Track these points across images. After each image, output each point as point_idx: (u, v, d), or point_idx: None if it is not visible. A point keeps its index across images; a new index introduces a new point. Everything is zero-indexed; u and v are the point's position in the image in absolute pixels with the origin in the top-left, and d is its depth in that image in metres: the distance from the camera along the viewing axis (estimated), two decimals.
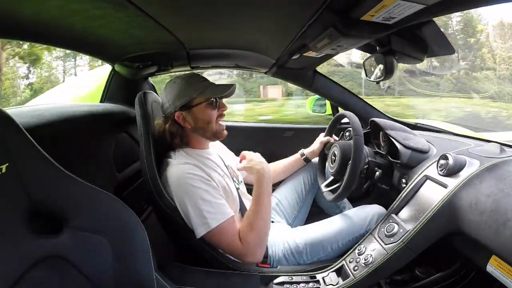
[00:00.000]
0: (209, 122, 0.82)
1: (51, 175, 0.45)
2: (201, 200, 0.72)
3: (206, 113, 0.82)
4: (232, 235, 0.74)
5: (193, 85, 0.81)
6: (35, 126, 0.62)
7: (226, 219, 0.73)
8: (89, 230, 0.47)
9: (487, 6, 0.48)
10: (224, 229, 0.73)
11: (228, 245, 0.74)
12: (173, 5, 0.56)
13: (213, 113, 0.82)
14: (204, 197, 0.72)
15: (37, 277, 0.41)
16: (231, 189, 0.83)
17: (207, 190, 0.74)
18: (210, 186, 0.75)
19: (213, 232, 0.72)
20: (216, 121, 0.83)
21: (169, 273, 0.66)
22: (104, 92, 1.13)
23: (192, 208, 0.72)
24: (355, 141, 0.85)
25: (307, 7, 0.54)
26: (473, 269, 0.72)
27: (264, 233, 0.78)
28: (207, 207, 0.72)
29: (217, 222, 0.71)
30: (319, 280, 0.74)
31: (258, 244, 0.76)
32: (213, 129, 0.83)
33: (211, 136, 0.85)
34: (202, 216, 0.71)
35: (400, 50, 0.70)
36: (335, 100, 1.30)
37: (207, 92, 0.80)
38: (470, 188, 0.63)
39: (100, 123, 0.91)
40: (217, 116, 0.83)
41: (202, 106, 0.81)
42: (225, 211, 0.74)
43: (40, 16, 0.57)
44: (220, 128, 0.84)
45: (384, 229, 0.74)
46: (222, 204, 0.74)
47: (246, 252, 0.74)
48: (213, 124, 0.83)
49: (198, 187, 0.73)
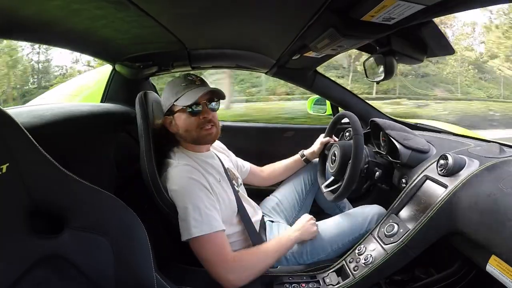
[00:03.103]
0: (186, 130, 0.78)
1: (51, 175, 0.45)
2: (192, 206, 0.71)
3: (183, 121, 0.78)
4: (217, 248, 0.71)
5: (174, 89, 0.78)
6: (35, 126, 0.62)
7: (211, 232, 0.70)
8: (89, 230, 0.47)
9: (487, 6, 0.48)
10: (207, 241, 0.70)
11: (209, 258, 0.71)
12: (174, 5, 0.56)
13: (190, 120, 0.77)
14: (195, 203, 0.71)
15: (37, 277, 0.41)
16: (228, 195, 0.82)
17: (200, 196, 0.72)
18: (204, 193, 0.74)
19: (195, 241, 0.70)
20: (197, 128, 0.78)
21: (169, 273, 0.66)
22: (105, 92, 1.13)
23: (182, 211, 0.71)
24: (355, 140, 0.85)
25: (308, 8, 0.54)
26: (472, 269, 0.72)
27: (260, 268, 0.74)
28: (195, 214, 0.70)
29: (200, 232, 0.69)
30: (319, 280, 0.74)
31: (250, 271, 0.73)
32: (193, 136, 0.79)
33: (192, 142, 0.81)
34: (188, 222, 0.70)
35: (400, 50, 0.70)
36: (335, 100, 1.30)
37: (181, 98, 0.76)
38: (470, 188, 0.63)
39: (101, 123, 0.91)
40: (199, 123, 0.78)
41: (180, 113, 0.78)
42: (212, 224, 0.71)
43: (41, 16, 0.57)
44: (202, 134, 0.79)
45: (384, 229, 0.74)
46: (211, 216, 0.71)
47: (231, 268, 0.70)
48: (192, 132, 0.78)
49: (194, 192, 0.72)
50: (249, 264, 0.74)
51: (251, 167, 1.11)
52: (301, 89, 1.31)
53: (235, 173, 0.97)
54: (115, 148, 0.94)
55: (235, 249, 0.82)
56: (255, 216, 0.92)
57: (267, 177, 1.13)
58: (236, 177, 0.96)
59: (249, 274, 0.72)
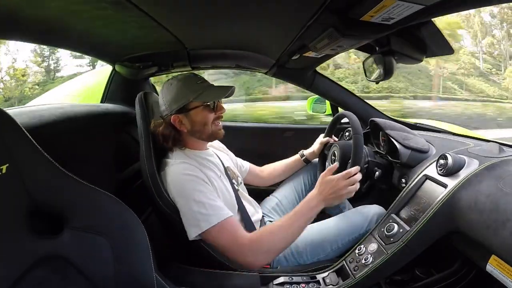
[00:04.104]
0: (205, 124, 0.81)
1: (51, 176, 0.45)
2: (194, 202, 0.71)
3: (203, 116, 0.80)
4: (230, 235, 0.71)
5: (190, 87, 0.79)
6: (35, 126, 0.62)
7: (220, 221, 0.70)
8: (89, 231, 0.47)
9: (486, 6, 0.48)
10: (218, 231, 0.70)
11: (225, 245, 0.71)
12: (174, 6, 0.57)
13: (210, 116, 0.81)
14: (197, 198, 0.71)
15: (37, 277, 0.41)
16: (228, 191, 0.83)
17: (201, 191, 0.72)
18: (205, 187, 0.74)
19: (207, 233, 0.70)
20: (212, 123, 0.82)
21: (169, 273, 0.66)
22: (105, 92, 1.14)
23: (185, 209, 0.71)
24: (354, 140, 0.85)
25: (307, 8, 0.54)
26: (473, 269, 0.72)
27: (279, 246, 0.73)
28: (200, 208, 0.70)
29: (209, 224, 0.69)
30: (319, 280, 0.74)
31: (268, 251, 0.72)
32: (209, 131, 0.82)
33: (207, 137, 0.84)
34: (194, 218, 0.70)
35: (399, 50, 0.70)
36: (335, 100, 1.30)
37: (204, 95, 0.78)
38: (469, 188, 0.63)
39: (101, 123, 0.91)
40: (214, 118, 0.82)
41: (199, 109, 0.79)
42: (219, 213, 0.72)
43: (41, 17, 0.57)
44: (216, 129, 0.83)
45: (384, 229, 0.74)
46: (216, 206, 0.72)
47: (248, 251, 0.71)
48: (209, 126, 0.81)
49: (193, 188, 0.72)
50: (267, 245, 0.73)
51: (251, 167, 1.11)
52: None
53: (235, 171, 0.97)
54: (115, 148, 0.94)
55: None
56: (256, 215, 0.92)
57: (267, 177, 1.13)
58: (236, 175, 0.96)
59: (269, 254, 0.73)
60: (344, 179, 0.78)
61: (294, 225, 0.75)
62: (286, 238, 0.74)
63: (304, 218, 0.76)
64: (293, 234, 0.75)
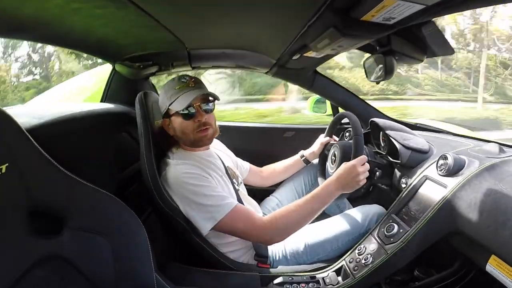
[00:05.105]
0: (183, 133, 0.79)
1: (51, 176, 0.45)
2: (202, 196, 0.72)
3: (178, 124, 0.78)
4: (246, 218, 0.73)
5: (168, 92, 0.78)
6: (35, 126, 0.62)
7: (231, 209, 0.72)
8: (89, 231, 0.47)
9: (487, 6, 0.48)
10: (232, 217, 0.72)
11: (243, 230, 0.73)
12: (174, 5, 0.56)
13: (186, 124, 0.77)
14: (204, 192, 0.72)
15: (38, 277, 0.41)
16: (229, 189, 0.83)
17: (206, 185, 0.73)
18: (208, 181, 0.75)
19: (222, 223, 0.71)
20: (193, 132, 0.78)
21: (169, 273, 0.66)
22: (105, 92, 1.13)
23: (194, 205, 0.72)
24: (355, 140, 0.85)
25: (308, 7, 0.54)
26: (472, 269, 0.72)
27: (294, 229, 0.75)
28: (209, 201, 0.71)
29: (222, 214, 0.71)
30: (319, 280, 0.74)
31: (284, 234, 0.74)
32: (191, 139, 0.79)
33: (190, 144, 0.82)
34: (206, 211, 0.71)
35: (400, 50, 0.70)
36: (335, 100, 1.30)
37: (175, 102, 0.76)
38: (469, 188, 0.63)
39: (101, 123, 0.91)
40: (194, 127, 0.78)
41: (176, 116, 0.78)
42: (228, 201, 0.73)
43: (41, 15, 0.57)
44: (199, 136, 0.79)
45: (384, 229, 0.74)
46: (224, 196, 0.74)
47: (265, 233, 0.73)
48: (190, 135, 0.78)
49: (196, 184, 0.73)
50: (284, 227, 0.74)
51: (251, 167, 1.11)
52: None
53: (235, 171, 0.97)
54: (115, 148, 0.93)
55: (236, 248, 0.82)
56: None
57: (267, 178, 1.13)
58: (237, 175, 0.96)
59: (286, 233, 0.75)
60: (360, 165, 0.79)
61: (312, 208, 0.75)
62: (301, 220, 0.75)
63: (321, 203, 0.76)
64: (309, 215, 0.75)
